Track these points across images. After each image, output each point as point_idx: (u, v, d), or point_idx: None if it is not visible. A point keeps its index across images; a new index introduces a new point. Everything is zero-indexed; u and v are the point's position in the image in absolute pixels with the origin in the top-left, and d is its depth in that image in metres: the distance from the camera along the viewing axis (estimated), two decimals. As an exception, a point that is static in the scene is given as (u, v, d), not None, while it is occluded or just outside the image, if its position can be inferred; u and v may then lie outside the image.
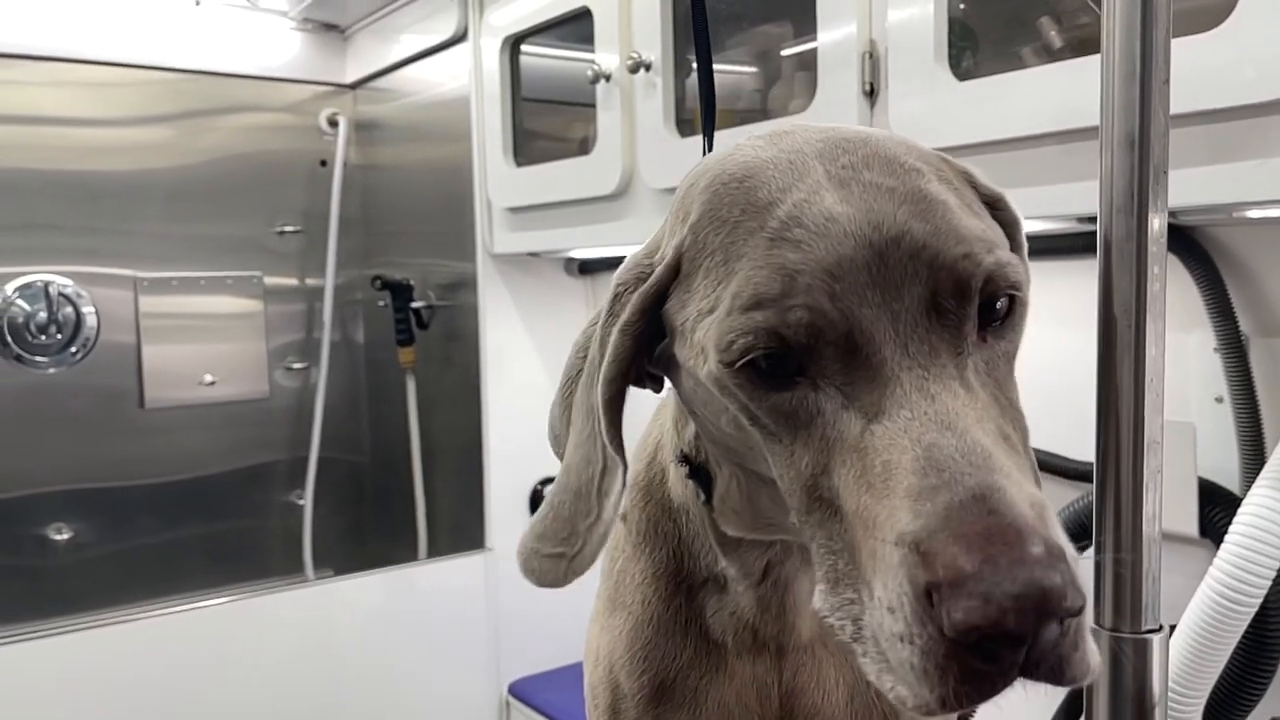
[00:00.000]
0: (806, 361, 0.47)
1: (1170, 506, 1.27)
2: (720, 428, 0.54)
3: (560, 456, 0.64)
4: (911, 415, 0.44)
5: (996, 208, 0.55)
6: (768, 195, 0.49)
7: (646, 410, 0.78)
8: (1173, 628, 1.10)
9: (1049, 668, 0.41)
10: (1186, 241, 1.26)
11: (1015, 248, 0.55)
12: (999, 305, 0.49)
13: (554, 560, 0.60)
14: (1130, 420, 0.53)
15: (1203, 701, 1.09)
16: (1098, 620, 0.55)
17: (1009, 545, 0.39)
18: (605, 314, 0.58)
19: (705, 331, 0.50)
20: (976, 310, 0.48)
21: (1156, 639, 0.54)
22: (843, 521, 0.46)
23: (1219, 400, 1.28)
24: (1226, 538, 1.05)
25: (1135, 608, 0.53)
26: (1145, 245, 0.51)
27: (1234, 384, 1.24)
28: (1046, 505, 0.43)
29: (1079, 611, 0.40)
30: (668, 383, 0.68)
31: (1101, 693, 0.54)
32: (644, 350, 0.58)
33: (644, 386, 0.62)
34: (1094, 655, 0.43)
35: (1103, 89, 0.53)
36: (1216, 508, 1.24)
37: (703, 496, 0.65)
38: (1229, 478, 1.27)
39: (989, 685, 0.41)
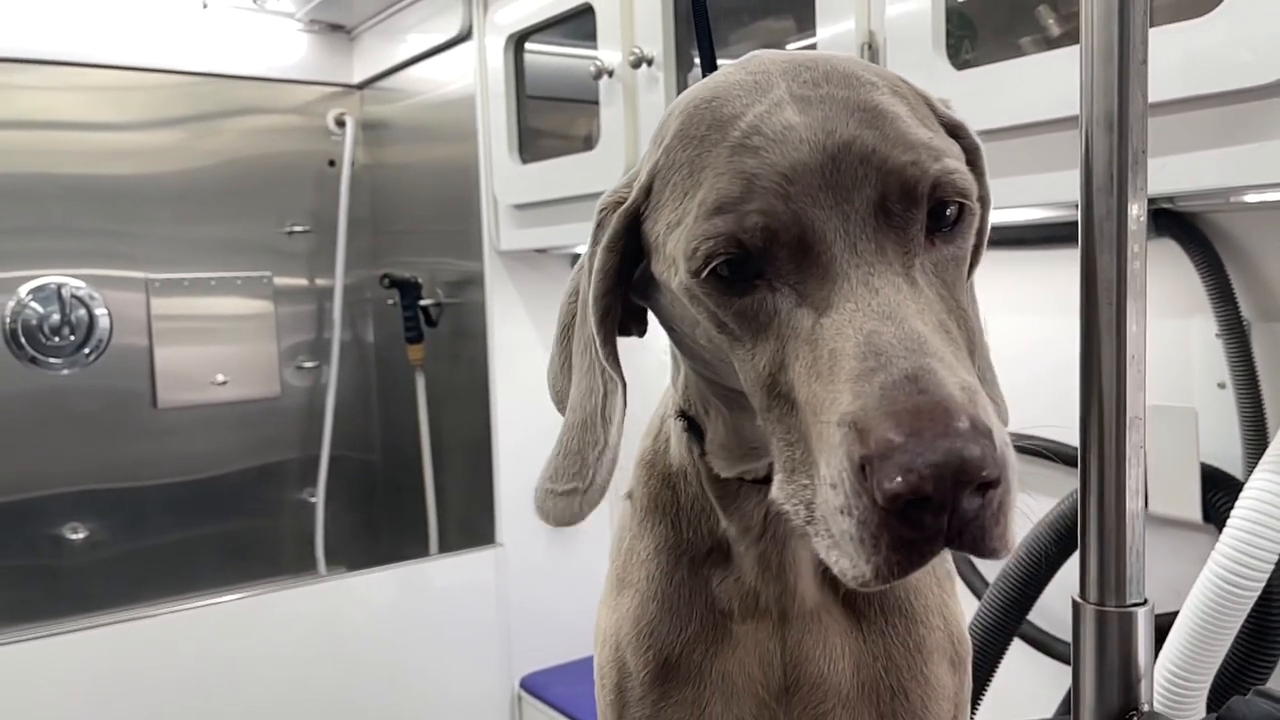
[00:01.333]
0: (764, 264, 0.50)
1: (1173, 492, 1.28)
2: (696, 340, 0.57)
3: (562, 410, 0.66)
4: (855, 307, 0.47)
5: (958, 135, 0.58)
6: (732, 110, 0.52)
7: (652, 397, 0.80)
8: (1175, 614, 1.10)
9: (971, 538, 0.44)
10: (1186, 227, 1.26)
11: (977, 173, 0.57)
12: (948, 212, 0.52)
13: (567, 497, 0.62)
14: (1113, 397, 0.53)
15: (1207, 686, 1.09)
16: (1082, 594, 0.56)
17: (934, 420, 0.42)
18: (590, 242, 0.61)
19: (675, 243, 0.53)
20: (924, 215, 0.51)
21: (1141, 612, 0.54)
22: (797, 413, 0.49)
23: (1221, 386, 1.28)
24: (1228, 523, 1.05)
25: (1120, 582, 0.54)
26: (1125, 224, 0.52)
27: (1236, 369, 1.24)
28: (977, 389, 0.45)
29: (996, 482, 0.43)
30: (669, 362, 0.70)
31: (1087, 666, 0.55)
32: (627, 278, 0.60)
33: (630, 333, 0.65)
34: (1014, 534, 0.46)
35: (1081, 70, 0.53)
36: (1219, 493, 1.24)
37: (698, 450, 0.67)
38: (1232, 463, 1.27)
39: (917, 553, 0.44)
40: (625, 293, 0.62)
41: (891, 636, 0.69)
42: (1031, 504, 1.62)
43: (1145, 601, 0.55)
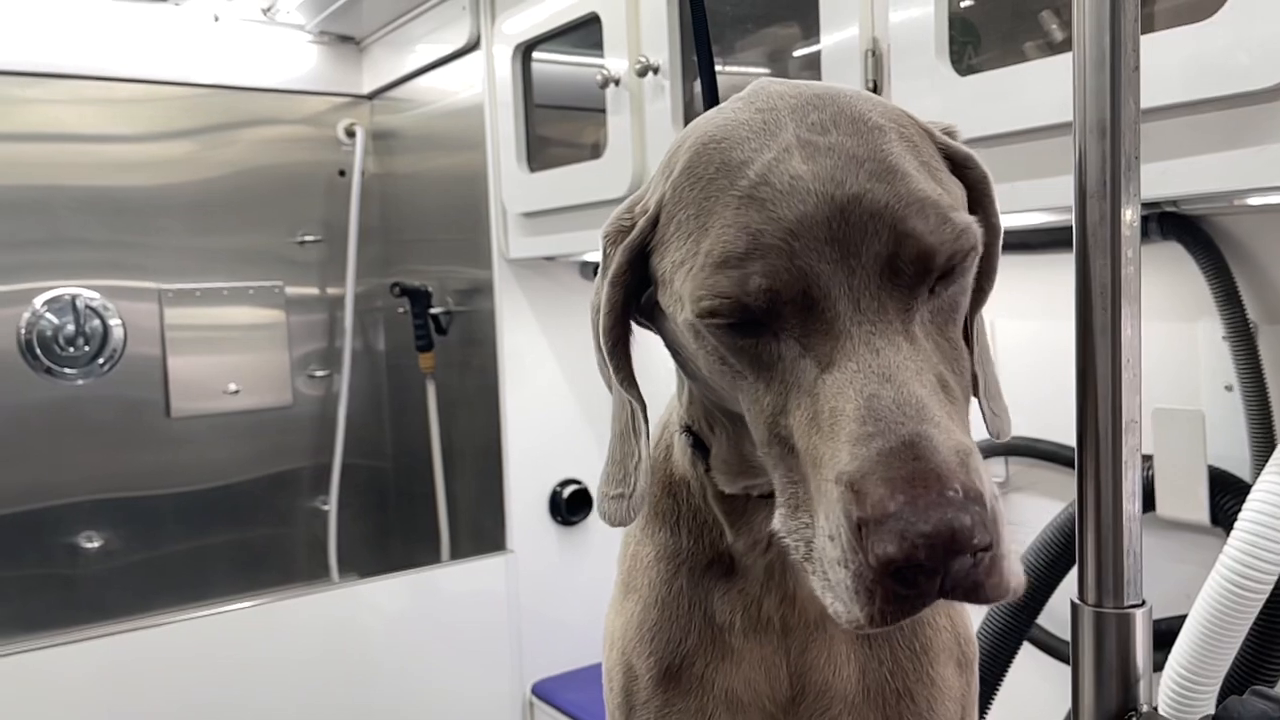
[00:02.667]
0: (770, 319, 0.51)
1: (1180, 495, 1.28)
2: (700, 367, 0.58)
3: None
4: (857, 368, 0.48)
5: (966, 166, 0.59)
6: (741, 155, 0.53)
7: (657, 403, 0.80)
8: (1184, 617, 1.10)
9: (964, 591, 0.46)
10: (1191, 230, 1.26)
11: (986, 202, 0.59)
12: (955, 269, 0.52)
13: (617, 501, 0.65)
14: (1108, 401, 0.54)
15: (1216, 689, 1.09)
16: (1080, 596, 0.57)
17: (928, 489, 0.44)
18: (599, 272, 0.63)
19: (682, 282, 0.54)
20: (935, 279, 0.51)
21: (1139, 614, 0.55)
22: (797, 456, 0.51)
23: (1228, 388, 1.28)
24: (1236, 525, 1.05)
25: (1117, 583, 0.54)
26: (1119, 229, 0.53)
27: (1243, 371, 1.24)
28: (971, 451, 0.47)
29: (987, 547, 0.45)
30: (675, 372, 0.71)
31: (1086, 667, 0.55)
32: (634, 297, 0.62)
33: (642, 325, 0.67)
34: (1014, 578, 0.47)
35: (1074, 77, 0.54)
36: (1227, 495, 1.24)
37: (703, 466, 0.69)
38: (1239, 465, 1.27)
39: (909, 606, 0.46)
40: (631, 311, 0.64)
41: (897, 640, 0.69)
42: (1037, 508, 1.62)
43: (1143, 603, 0.55)
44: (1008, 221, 1.40)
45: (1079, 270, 0.55)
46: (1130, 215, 0.53)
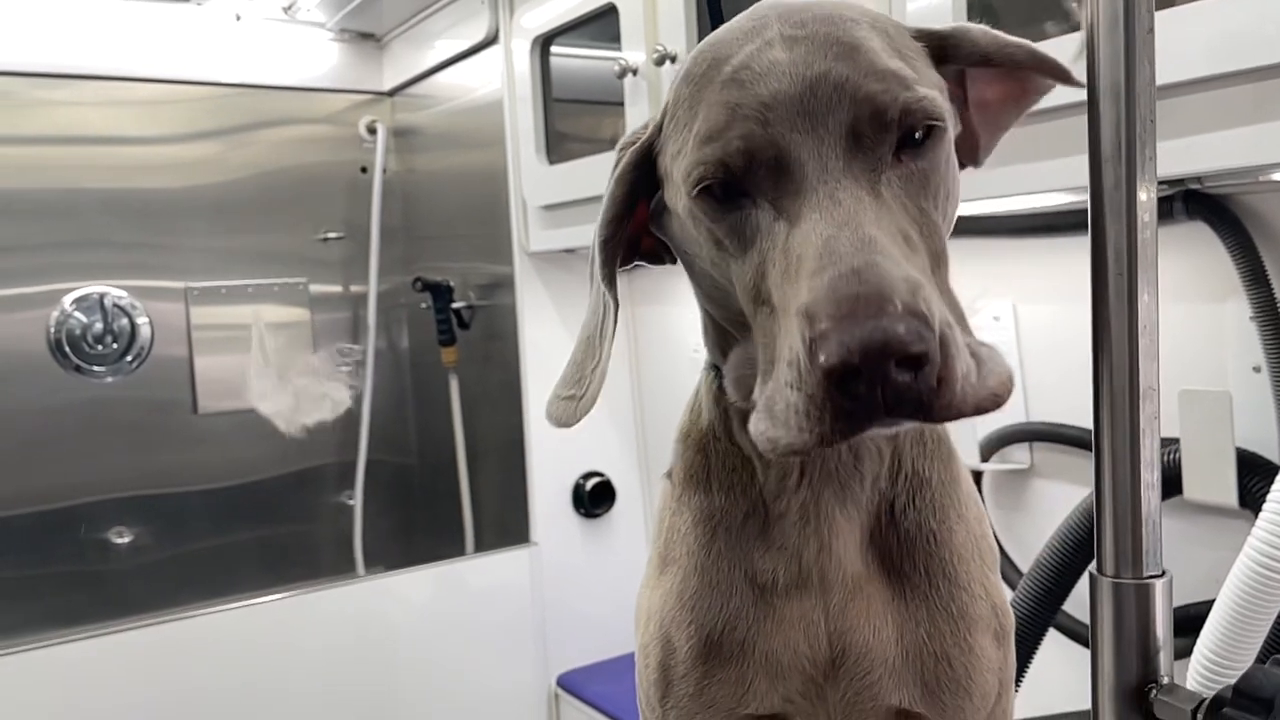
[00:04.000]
0: (748, 184, 0.56)
1: (1208, 478, 1.26)
2: (703, 260, 0.63)
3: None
4: (820, 217, 0.52)
5: (950, 38, 0.64)
6: (728, 51, 0.58)
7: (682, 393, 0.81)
8: (1212, 602, 1.08)
9: (910, 409, 0.49)
10: (1217, 209, 1.25)
11: (990, 39, 0.64)
12: (917, 134, 0.56)
13: (567, 402, 0.68)
14: (1125, 367, 0.53)
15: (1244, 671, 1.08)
16: (1099, 567, 0.56)
17: (868, 304, 0.48)
18: (610, 177, 0.67)
19: (678, 170, 0.60)
20: (894, 138, 0.56)
21: (1159, 584, 0.54)
22: (773, 314, 0.55)
23: (1256, 369, 1.26)
24: (1264, 507, 1.04)
25: (1136, 554, 0.54)
26: (1134, 193, 0.52)
27: (1270, 352, 1.22)
28: (920, 283, 0.50)
29: (923, 358, 0.47)
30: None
31: (1105, 639, 0.54)
32: (642, 198, 0.67)
33: (661, 261, 0.72)
34: (963, 401, 0.49)
35: (1087, 40, 0.53)
36: (1255, 477, 1.22)
37: (726, 400, 0.70)
38: (1268, 447, 1.25)
39: (856, 421, 0.49)
40: (646, 224, 0.69)
41: (935, 601, 0.69)
42: (1062, 494, 1.60)
43: (1163, 573, 0.54)
44: (1030, 203, 1.39)
45: (1093, 236, 0.54)
46: (1147, 180, 0.52)
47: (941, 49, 0.63)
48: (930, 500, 0.69)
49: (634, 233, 0.71)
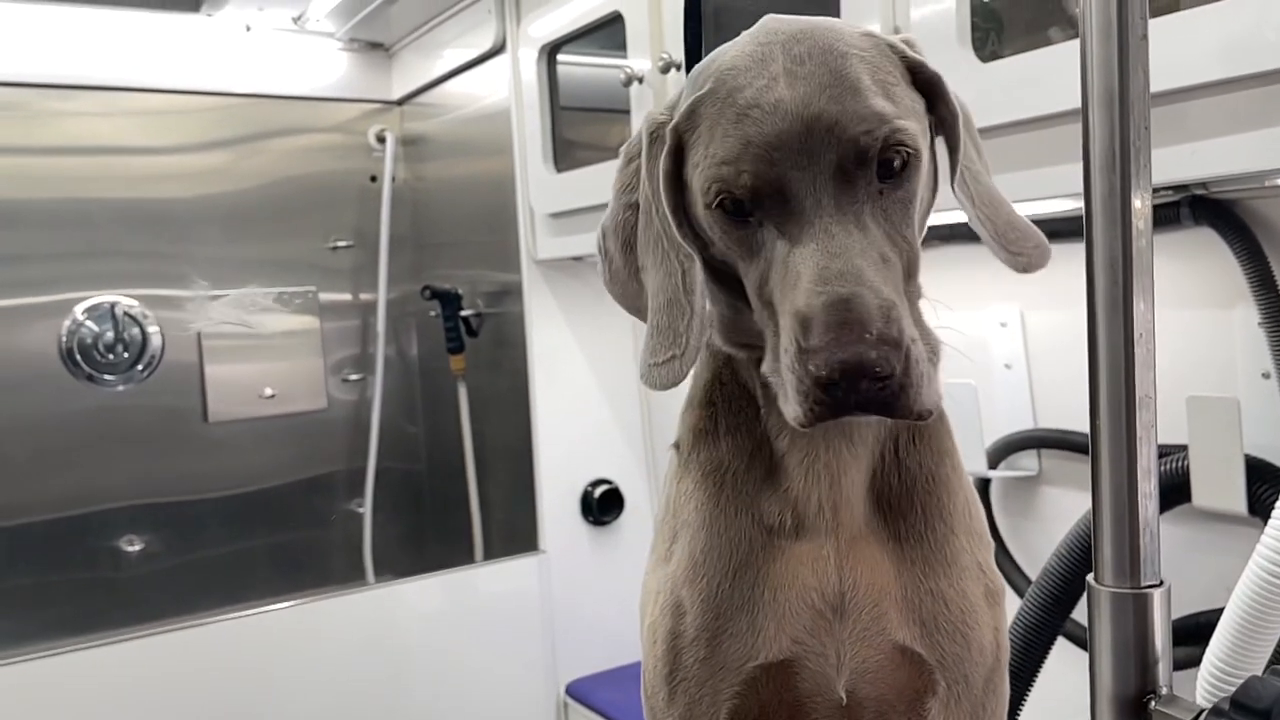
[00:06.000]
0: (755, 208, 0.67)
1: (1217, 485, 1.25)
2: (717, 244, 0.72)
3: (611, 291, 0.81)
4: (816, 246, 0.63)
5: (919, 72, 0.71)
6: (741, 82, 0.67)
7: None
8: (1221, 610, 1.07)
9: (876, 407, 0.61)
10: (1224, 215, 1.24)
11: (939, 95, 0.72)
12: (895, 164, 0.66)
13: (668, 364, 0.73)
14: (1120, 375, 0.53)
15: (1255, 681, 1.07)
16: (1097, 577, 0.55)
17: (850, 331, 0.59)
18: (645, 154, 0.75)
19: (697, 180, 0.69)
20: (874, 172, 0.65)
21: (1157, 594, 0.54)
22: (775, 308, 0.66)
23: (1266, 376, 1.25)
24: (1273, 514, 1.03)
25: (1134, 564, 0.53)
26: (1129, 201, 0.52)
27: None
28: (893, 306, 0.61)
29: (890, 375, 0.59)
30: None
31: (1103, 650, 0.54)
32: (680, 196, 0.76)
33: None
34: (922, 404, 0.61)
35: (1082, 47, 0.53)
36: (1264, 484, 1.21)
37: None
38: (1278, 454, 1.24)
39: (832, 410, 0.61)
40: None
41: (930, 542, 0.73)
42: (1070, 501, 1.60)
43: (1161, 583, 0.54)
44: (1034, 208, 1.39)
45: (1087, 244, 0.54)
46: (1141, 187, 0.52)
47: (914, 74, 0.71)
48: (928, 442, 0.75)
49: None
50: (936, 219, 0.83)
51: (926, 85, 0.71)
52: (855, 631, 0.71)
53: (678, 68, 1.68)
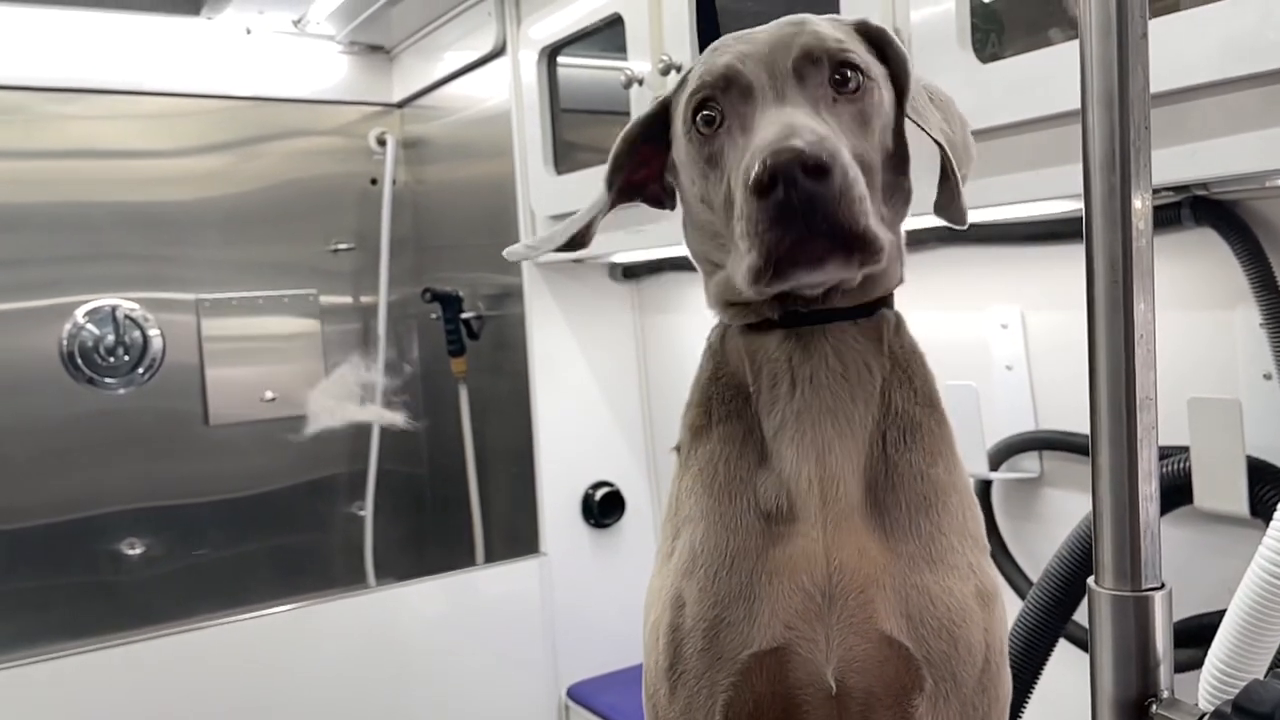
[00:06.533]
0: (725, 105, 0.74)
1: (1218, 487, 1.25)
2: (695, 193, 0.78)
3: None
4: (769, 121, 0.69)
5: (880, 37, 0.79)
6: (723, 42, 0.77)
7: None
8: (1223, 612, 1.07)
9: (822, 221, 0.64)
10: (1225, 215, 1.23)
11: (890, 46, 0.79)
12: (848, 75, 0.73)
13: (530, 248, 0.90)
14: (1121, 377, 0.52)
15: (1258, 684, 1.06)
16: (1097, 580, 0.55)
17: (784, 142, 0.64)
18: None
19: (677, 108, 0.79)
20: (827, 75, 0.73)
21: (1158, 596, 0.53)
22: (733, 206, 0.70)
23: (1267, 377, 1.25)
24: (1275, 515, 1.03)
25: (1135, 566, 0.53)
26: (1129, 201, 0.51)
27: (1281, 359, 1.21)
28: (829, 135, 0.67)
29: (826, 167, 0.63)
30: None
31: (1104, 653, 0.54)
32: (660, 150, 0.85)
33: (662, 206, 0.89)
34: (863, 223, 0.65)
35: (1081, 46, 0.53)
36: (1266, 486, 1.21)
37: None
38: (1279, 455, 1.23)
39: (788, 231, 0.64)
40: (657, 176, 0.87)
41: (915, 539, 0.73)
42: (1073, 503, 1.59)
43: (1162, 585, 0.54)
44: (1037, 210, 1.39)
45: (1087, 245, 0.54)
46: (1141, 187, 0.52)
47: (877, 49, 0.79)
48: (921, 442, 0.75)
49: (644, 180, 0.88)
50: (936, 220, 0.82)
51: (878, 41, 0.79)
52: (843, 616, 0.71)
53: (678, 69, 1.68)
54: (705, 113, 0.74)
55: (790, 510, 0.73)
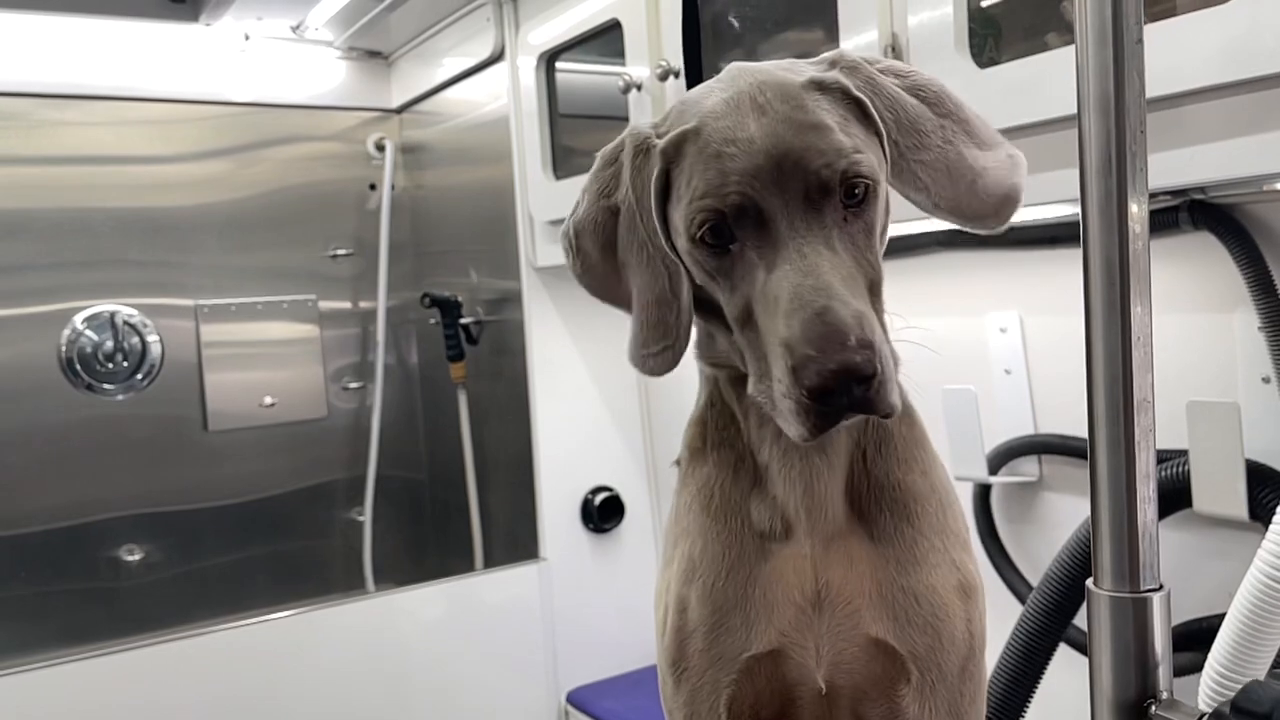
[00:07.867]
0: (736, 231, 0.73)
1: (1217, 490, 1.25)
2: (698, 275, 0.78)
3: (584, 282, 0.87)
4: (791, 267, 0.70)
5: (857, 101, 0.77)
6: (718, 126, 0.74)
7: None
8: (1223, 615, 1.07)
9: (862, 408, 0.67)
10: (1223, 219, 1.24)
11: (870, 117, 0.77)
12: (856, 191, 0.73)
13: (661, 355, 0.80)
14: (1118, 379, 0.53)
15: (1257, 687, 1.06)
16: (1096, 581, 0.55)
17: (832, 341, 0.66)
18: (629, 164, 0.80)
19: (679, 217, 0.76)
20: (839, 200, 0.72)
21: (1156, 598, 0.53)
22: (759, 335, 0.72)
23: (1266, 380, 1.25)
24: (1275, 518, 1.03)
25: (1133, 568, 0.53)
26: (1125, 205, 0.51)
27: None
28: (864, 312, 0.68)
29: (874, 375, 0.66)
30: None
31: (1103, 654, 0.54)
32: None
33: None
34: (892, 400, 0.68)
35: (1077, 51, 0.53)
36: (1265, 489, 1.21)
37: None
38: (1278, 458, 1.24)
39: (830, 418, 0.68)
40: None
41: (899, 543, 0.80)
42: (1071, 507, 1.59)
43: (1160, 587, 0.54)
44: (1034, 214, 1.39)
45: (1084, 249, 0.54)
46: (1138, 191, 0.52)
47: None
48: (894, 452, 0.81)
49: None
50: (936, 223, 0.83)
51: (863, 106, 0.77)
52: (831, 626, 0.77)
53: (675, 75, 1.68)
54: (712, 225, 0.73)
55: (785, 530, 0.80)
